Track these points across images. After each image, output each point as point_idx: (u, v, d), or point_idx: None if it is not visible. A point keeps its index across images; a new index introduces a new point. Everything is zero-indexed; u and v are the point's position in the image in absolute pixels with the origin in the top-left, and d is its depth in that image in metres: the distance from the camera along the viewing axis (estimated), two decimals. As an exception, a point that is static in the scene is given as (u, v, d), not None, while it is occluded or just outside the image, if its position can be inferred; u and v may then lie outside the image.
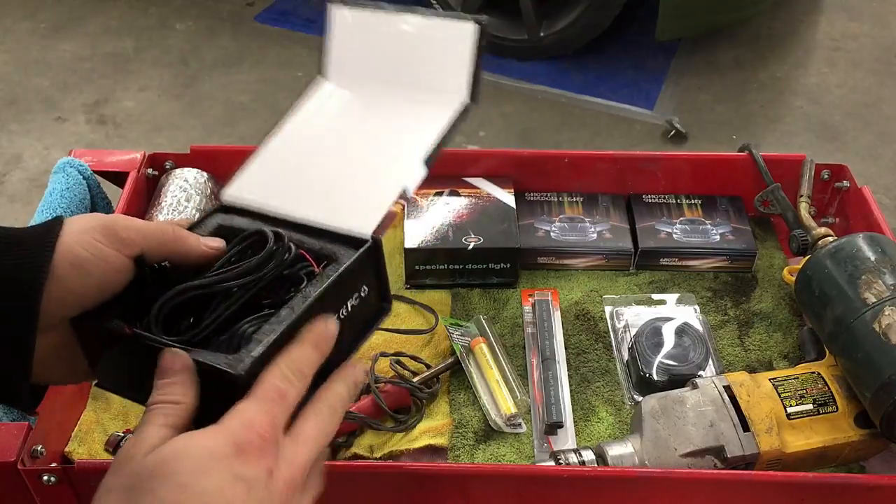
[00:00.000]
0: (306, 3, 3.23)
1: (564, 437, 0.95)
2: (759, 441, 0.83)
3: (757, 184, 1.18)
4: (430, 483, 0.84)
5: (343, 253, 0.61)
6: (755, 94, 2.83)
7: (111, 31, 3.06)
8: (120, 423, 0.96)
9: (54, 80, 2.84)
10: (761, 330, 1.07)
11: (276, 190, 0.66)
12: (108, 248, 0.55)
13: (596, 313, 1.09)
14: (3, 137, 2.60)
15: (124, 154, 1.14)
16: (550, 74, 2.87)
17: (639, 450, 0.85)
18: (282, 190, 0.66)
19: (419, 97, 0.71)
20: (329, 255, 0.61)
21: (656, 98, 2.79)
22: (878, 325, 0.85)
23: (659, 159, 1.20)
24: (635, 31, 3.01)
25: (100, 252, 0.55)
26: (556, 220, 1.17)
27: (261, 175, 0.67)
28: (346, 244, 0.61)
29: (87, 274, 0.54)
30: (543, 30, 2.82)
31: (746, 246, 1.14)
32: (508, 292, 1.12)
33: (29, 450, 0.81)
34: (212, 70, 2.89)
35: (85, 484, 0.82)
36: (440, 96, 0.70)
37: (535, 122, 2.67)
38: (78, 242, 0.54)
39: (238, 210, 0.64)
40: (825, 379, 0.90)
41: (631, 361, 1.01)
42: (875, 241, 0.93)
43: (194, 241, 0.59)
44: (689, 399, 0.86)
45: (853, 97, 2.82)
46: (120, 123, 2.66)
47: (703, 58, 2.99)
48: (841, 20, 3.20)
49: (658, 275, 1.15)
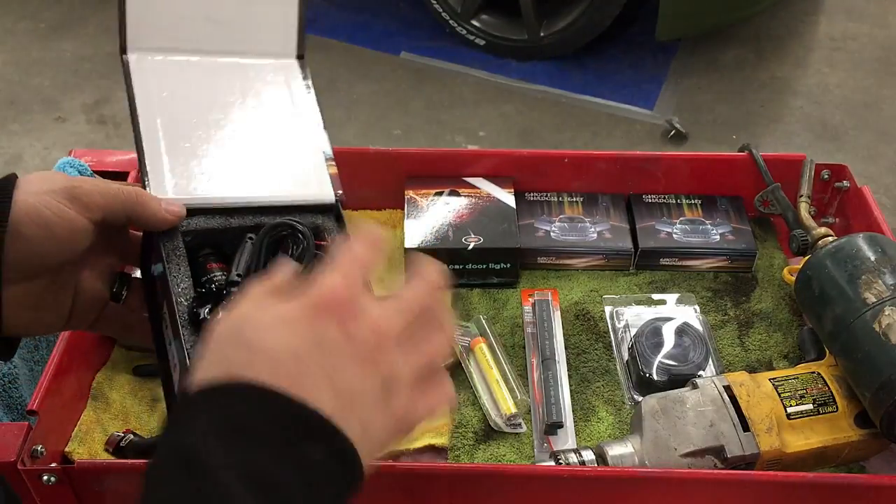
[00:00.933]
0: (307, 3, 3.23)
1: (564, 437, 0.95)
2: (759, 441, 0.83)
3: (757, 184, 1.18)
4: (430, 483, 0.84)
5: (323, 221, 0.64)
6: (755, 94, 2.83)
7: (111, 31, 3.05)
8: (120, 423, 0.96)
9: (54, 80, 2.84)
10: (761, 330, 1.07)
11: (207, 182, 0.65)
12: (70, 210, 0.57)
13: (596, 313, 1.09)
14: (3, 137, 2.60)
15: (124, 154, 1.14)
16: (550, 74, 2.87)
17: (639, 450, 0.85)
18: (212, 180, 0.65)
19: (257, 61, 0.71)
20: (314, 227, 0.63)
21: (656, 98, 2.79)
22: (878, 325, 0.85)
23: (659, 159, 1.20)
24: (635, 31, 3.01)
25: (64, 214, 0.57)
26: (556, 220, 1.17)
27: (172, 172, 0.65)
28: (316, 213, 0.64)
29: (52, 234, 0.56)
30: (543, 30, 2.82)
31: (746, 246, 1.14)
32: (508, 292, 1.12)
33: (29, 450, 0.81)
34: (212, 70, 2.89)
35: (85, 484, 0.82)
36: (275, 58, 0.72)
37: (535, 122, 2.67)
38: (42, 203, 0.56)
39: (192, 211, 0.64)
40: (825, 379, 0.90)
41: (631, 361, 1.01)
42: (875, 241, 0.93)
43: (156, 204, 0.61)
44: (689, 399, 0.86)
45: (853, 97, 2.82)
46: (120, 123, 2.66)
47: (703, 58, 2.99)
48: (841, 20, 3.20)
49: (658, 275, 1.15)
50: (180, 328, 0.58)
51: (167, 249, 0.61)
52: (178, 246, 0.62)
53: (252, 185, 0.65)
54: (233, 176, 0.66)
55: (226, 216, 0.64)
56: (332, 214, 0.65)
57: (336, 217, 0.65)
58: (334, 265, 0.48)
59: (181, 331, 0.58)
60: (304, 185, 0.66)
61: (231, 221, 0.64)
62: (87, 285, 0.64)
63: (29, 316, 0.60)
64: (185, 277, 0.61)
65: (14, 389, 0.92)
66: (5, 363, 0.91)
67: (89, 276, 0.64)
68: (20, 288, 0.58)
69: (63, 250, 0.58)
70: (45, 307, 0.62)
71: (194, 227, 0.63)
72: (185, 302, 0.59)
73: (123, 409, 0.98)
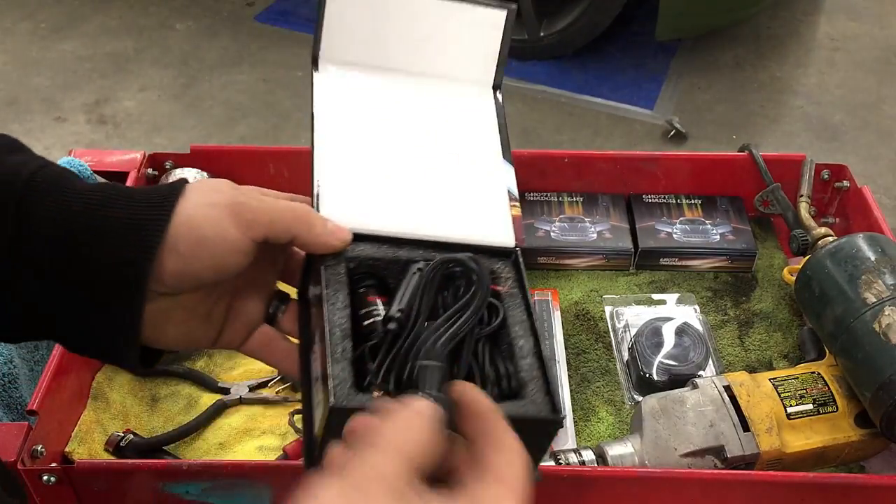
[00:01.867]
0: (306, 3, 3.23)
1: (564, 437, 0.95)
2: (759, 441, 0.83)
3: (757, 184, 1.18)
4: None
5: (501, 268, 0.58)
6: (755, 94, 2.83)
7: (111, 31, 3.06)
8: (120, 423, 0.96)
9: (54, 80, 2.83)
10: (761, 330, 1.07)
11: (380, 208, 0.60)
12: (233, 228, 0.53)
13: (596, 313, 1.09)
14: (3, 137, 2.60)
15: (124, 154, 1.14)
16: (550, 74, 2.87)
17: (639, 450, 0.85)
18: (386, 207, 0.60)
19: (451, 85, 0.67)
20: (489, 271, 0.57)
21: (656, 98, 2.79)
22: (878, 325, 0.85)
23: (659, 159, 1.20)
24: (635, 31, 3.01)
25: (225, 231, 0.52)
26: (556, 220, 1.17)
27: (345, 193, 0.60)
28: (493, 256, 0.59)
29: (209, 252, 0.52)
30: (543, 30, 2.82)
31: (746, 246, 1.14)
32: (508, 292, 1.12)
33: (29, 450, 0.81)
34: (212, 70, 2.89)
35: (85, 484, 0.82)
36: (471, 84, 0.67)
37: (535, 122, 2.67)
38: (202, 217, 0.52)
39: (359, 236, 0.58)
40: (825, 379, 0.90)
41: (631, 361, 1.01)
42: (875, 241, 0.93)
43: (322, 227, 0.56)
44: (689, 399, 0.86)
45: (853, 97, 2.82)
46: (120, 123, 2.66)
47: (703, 58, 2.99)
48: (841, 20, 3.20)
49: (658, 275, 1.15)
50: (329, 364, 0.51)
51: (328, 274, 0.56)
52: (340, 273, 0.56)
53: (427, 218, 0.60)
54: (408, 205, 0.60)
55: (394, 247, 0.58)
56: (511, 260, 0.59)
57: (513, 264, 0.59)
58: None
59: (329, 367, 0.51)
60: (483, 225, 0.60)
61: (399, 253, 0.58)
62: (242, 304, 0.60)
63: (176, 331, 0.56)
64: (342, 307, 0.54)
65: (14, 389, 0.92)
66: (6, 364, 0.91)
67: (246, 295, 0.60)
68: (169, 301, 0.54)
69: (219, 268, 0.53)
70: (195, 323, 0.57)
71: (359, 254, 0.57)
72: (339, 334, 0.53)
73: (123, 409, 0.97)
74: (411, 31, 0.66)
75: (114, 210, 0.51)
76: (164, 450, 0.94)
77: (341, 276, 0.56)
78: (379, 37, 0.65)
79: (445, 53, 0.67)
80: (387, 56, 0.66)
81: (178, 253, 0.51)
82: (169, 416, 0.98)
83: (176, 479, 0.82)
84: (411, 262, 0.56)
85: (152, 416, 0.98)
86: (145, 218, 0.51)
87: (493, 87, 0.68)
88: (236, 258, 0.53)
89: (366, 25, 0.65)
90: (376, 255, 0.58)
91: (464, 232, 0.59)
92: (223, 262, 0.53)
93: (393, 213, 0.59)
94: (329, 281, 0.55)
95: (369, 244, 0.58)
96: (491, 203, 0.62)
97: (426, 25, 0.66)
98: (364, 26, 0.65)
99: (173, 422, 0.97)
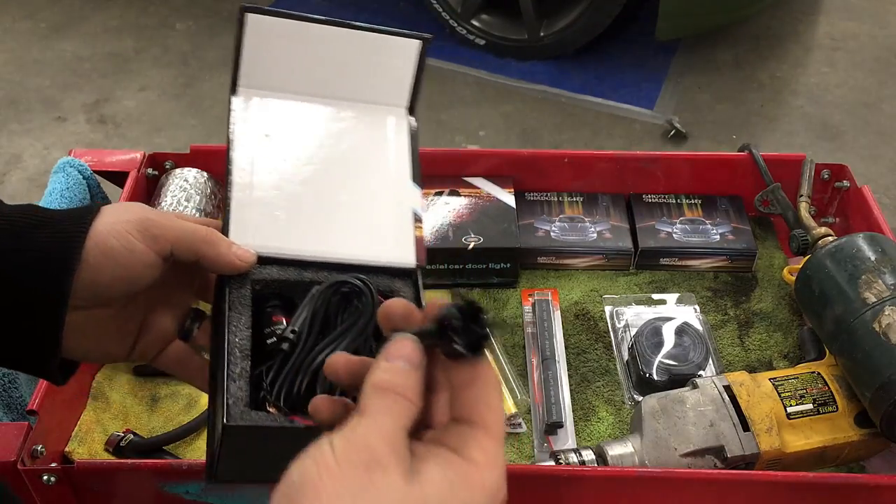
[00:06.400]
0: (305, 4, 3.23)
1: (564, 437, 0.95)
2: (759, 441, 0.83)
3: (757, 184, 1.18)
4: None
5: (400, 286, 0.61)
6: (755, 94, 2.83)
7: (111, 31, 3.06)
8: (120, 423, 0.96)
9: (54, 80, 2.83)
10: (761, 330, 1.07)
11: (288, 231, 0.62)
12: (139, 242, 0.56)
13: (596, 313, 1.09)
14: (3, 137, 2.60)
15: (124, 154, 1.14)
16: (550, 74, 2.87)
17: (639, 450, 0.85)
18: (294, 230, 0.63)
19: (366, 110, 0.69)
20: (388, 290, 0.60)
21: (656, 98, 2.79)
22: (878, 324, 0.85)
23: (659, 159, 1.20)
24: (635, 31, 3.01)
25: (131, 245, 0.56)
26: (556, 219, 1.17)
27: (255, 217, 0.62)
28: (394, 276, 0.61)
29: (117, 264, 0.56)
30: (543, 30, 2.82)
31: (746, 246, 1.14)
32: (508, 292, 1.12)
33: (29, 450, 0.81)
34: (212, 70, 2.88)
35: (85, 484, 0.82)
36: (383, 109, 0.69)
37: (535, 122, 2.67)
38: (111, 233, 0.56)
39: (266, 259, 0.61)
40: (825, 379, 0.90)
41: (631, 361, 1.01)
42: (875, 241, 0.93)
43: (225, 248, 0.59)
44: (689, 399, 0.86)
45: (853, 97, 2.82)
46: (120, 123, 2.66)
47: (703, 58, 2.99)
48: (841, 20, 3.20)
49: (658, 275, 1.15)
50: (225, 381, 0.54)
51: (233, 296, 0.59)
52: (244, 294, 0.59)
53: (333, 240, 0.63)
54: (315, 228, 0.63)
55: (300, 269, 0.61)
56: (411, 280, 0.62)
57: (413, 283, 0.62)
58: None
59: (226, 383, 0.54)
60: (386, 246, 0.63)
61: (305, 275, 0.61)
62: (155, 319, 0.63)
63: (90, 343, 0.59)
64: (245, 328, 0.58)
65: (14, 389, 0.92)
66: None
67: (160, 311, 0.63)
68: (84, 314, 0.57)
69: (128, 282, 0.57)
70: (109, 336, 0.60)
71: (266, 276, 0.60)
72: (238, 354, 0.56)
73: (123, 409, 0.98)
74: (329, 58, 0.68)
75: (36, 231, 0.55)
76: (164, 450, 0.94)
77: (246, 298, 0.59)
78: (297, 64, 0.68)
79: (362, 80, 0.69)
80: (304, 82, 0.69)
81: (87, 264, 0.54)
82: (169, 416, 0.98)
83: (176, 479, 0.83)
84: (314, 283, 0.59)
85: (152, 416, 0.98)
86: (64, 237, 0.54)
87: (408, 110, 0.70)
88: (144, 271, 0.57)
89: (284, 53, 0.67)
90: (281, 277, 0.60)
91: (367, 253, 0.62)
92: (131, 274, 0.56)
93: (300, 237, 0.62)
94: (233, 302, 0.58)
95: (276, 266, 0.61)
96: (395, 225, 0.64)
97: (343, 54, 0.68)
98: (283, 53, 0.67)
99: (173, 422, 0.97)
